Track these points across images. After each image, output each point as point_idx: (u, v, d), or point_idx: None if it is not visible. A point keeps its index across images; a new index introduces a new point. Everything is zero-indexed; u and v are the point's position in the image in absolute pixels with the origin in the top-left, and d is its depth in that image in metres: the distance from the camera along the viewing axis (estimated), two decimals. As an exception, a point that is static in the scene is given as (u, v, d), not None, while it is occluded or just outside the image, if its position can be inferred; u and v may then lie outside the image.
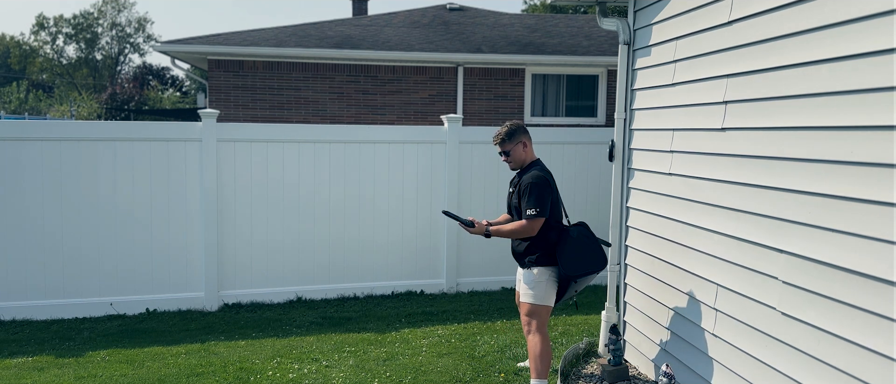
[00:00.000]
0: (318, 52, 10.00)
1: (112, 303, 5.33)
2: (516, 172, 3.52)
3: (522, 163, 3.44)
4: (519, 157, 3.43)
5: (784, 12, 2.64)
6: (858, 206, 2.27)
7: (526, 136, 3.44)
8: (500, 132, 3.43)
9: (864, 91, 2.25)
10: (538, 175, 3.32)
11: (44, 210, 5.15)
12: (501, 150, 3.44)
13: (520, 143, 3.42)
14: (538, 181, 3.29)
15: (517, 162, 3.44)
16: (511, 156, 3.43)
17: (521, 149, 3.42)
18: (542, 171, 3.36)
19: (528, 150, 3.45)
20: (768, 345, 2.71)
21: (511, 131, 3.42)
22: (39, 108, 34.19)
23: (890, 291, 2.14)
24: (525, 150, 3.43)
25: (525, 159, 3.44)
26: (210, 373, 3.99)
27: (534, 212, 3.24)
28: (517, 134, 3.42)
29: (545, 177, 3.33)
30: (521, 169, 3.46)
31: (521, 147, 3.42)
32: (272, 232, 5.63)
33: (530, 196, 3.26)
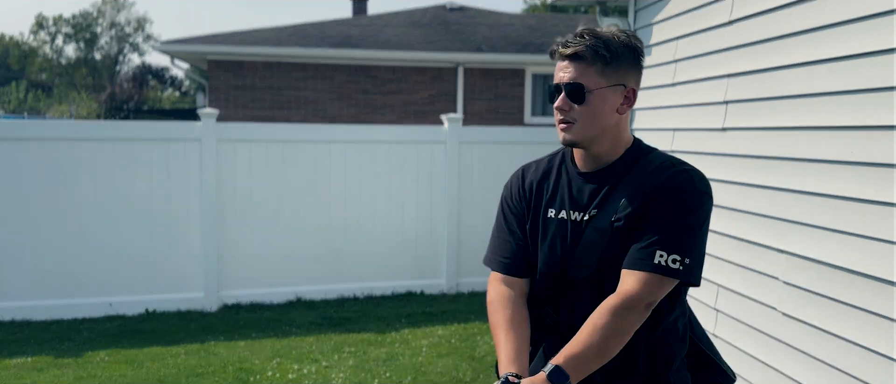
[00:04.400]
0: (317, 51, 10.00)
1: (111, 303, 5.32)
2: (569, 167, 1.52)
3: (599, 134, 1.43)
4: (604, 119, 1.42)
5: (784, 12, 2.64)
6: (859, 206, 2.26)
7: (636, 78, 1.46)
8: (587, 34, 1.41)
9: (865, 91, 2.25)
10: (701, 177, 1.44)
11: (42, 210, 5.15)
12: (572, 79, 1.40)
13: (618, 87, 1.42)
14: (705, 192, 1.43)
15: (595, 131, 1.43)
16: (589, 108, 1.41)
17: (616, 100, 1.43)
18: (699, 170, 1.46)
19: (625, 119, 1.47)
20: (769, 346, 2.70)
21: (621, 45, 1.42)
22: (39, 108, 34.17)
23: (890, 291, 2.14)
24: (621, 112, 1.45)
25: (617, 133, 1.46)
26: (210, 374, 3.98)
27: (679, 260, 1.36)
28: (626, 59, 1.42)
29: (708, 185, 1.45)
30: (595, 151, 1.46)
31: (618, 96, 1.43)
32: (272, 232, 5.62)
33: (683, 225, 1.38)
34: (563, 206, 1.50)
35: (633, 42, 1.44)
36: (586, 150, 1.47)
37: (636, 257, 1.37)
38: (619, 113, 1.45)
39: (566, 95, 1.42)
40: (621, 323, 1.34)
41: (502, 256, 1.56)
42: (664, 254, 1.36)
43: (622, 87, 1.44)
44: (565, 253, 1.47)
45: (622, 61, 1.42)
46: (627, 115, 1.48)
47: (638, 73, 1.47)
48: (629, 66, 1.43)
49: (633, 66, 1.45)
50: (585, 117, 1.42)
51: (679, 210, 1.39)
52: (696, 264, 1.38)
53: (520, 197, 1.57)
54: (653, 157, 1.48)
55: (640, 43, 1.47)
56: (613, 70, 1.41)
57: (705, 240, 1.43)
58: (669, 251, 1.36)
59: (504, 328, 1.46)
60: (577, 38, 1.42)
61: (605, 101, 1.42)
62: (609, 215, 1.43)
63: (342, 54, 10.01)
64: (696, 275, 1.39)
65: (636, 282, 1.35)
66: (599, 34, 1.40)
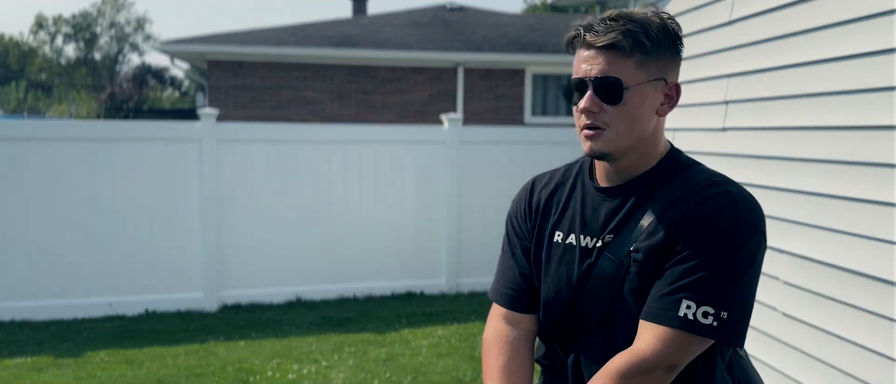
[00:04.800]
0: (317, 51, 9.99)
1: (111, 303, 5.31)
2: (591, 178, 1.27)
3: (635, 143, 1.17)
4: (643, 124, 1.17)
5: (784, 12, 2.63)
6: (859, 206, 2.26)
7: (677, 71, 1.21)
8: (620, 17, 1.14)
9: (865, 91, 2.25)
10: (750, 203, 1.15)
11: (42, 210, 5.14)
12: (604, 73, 1.13)
13: (659, 82, 1.17)
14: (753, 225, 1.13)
15: (631, 139, 1.16)
16: (626, 109, 1.14)
17: (656, 99, 1.18)
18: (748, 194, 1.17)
19: (663, 123, 1.24)
20: (770, 346, 2.70)
21: (661, 31, 1.15)
22: (38, 108, 34.17)
23: (890, 291, 2.14)
24: (661, 113, 1.20)
25: (653, 142, 1.21)
26: (209, 374, 3.98)
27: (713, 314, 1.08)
28: (667, 49, 1.17)
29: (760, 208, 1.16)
30: (624, 164, 1.19)
31: (658, 94, 1.18)
32: (271, 232, 5.62)
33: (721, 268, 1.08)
34: (573, 229, 1.22)
35: (673, 28, 1.17)
36: (614, 162, 1.17)
37: (656, 306, 1.07)
38: (658, 114, 1.18)
39: (595, 93, 1.13)
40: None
41: (505, 287, 1.32)
42: (693, 305, 1.04)
43: (664, 83, 1.17)
44: (572, 286, 1.20)
45: (664, 51, 1.15)
46: (664, 118, 1.22)
47: (678, 63, 1.20)
48: (670, 56, 1.18)
49: (674, 56, 1.18)
50: (621, 121, 1.13)
51: (716, 247, 1.07)
52: (738, 319, 1.07)
53: (525, 216, 1.31)
54: (693, 172, 1.18)
55: (680, 29, 1.20)
56: (654, 62, 1.14)
57: (753, 289, 1.10)
58: (701, 302, 1.04)
59: (496, 378, 1.22)
60: (608, 22, 1.12)
61: (646, 101, 1.15)
62: (627, 242, 1.14)
63: (342, 54, 10.01)
64: (738, 332, 1.07)
65: (653, 341, 1.06)
66: (636, 18, 1.14)
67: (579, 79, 1.16)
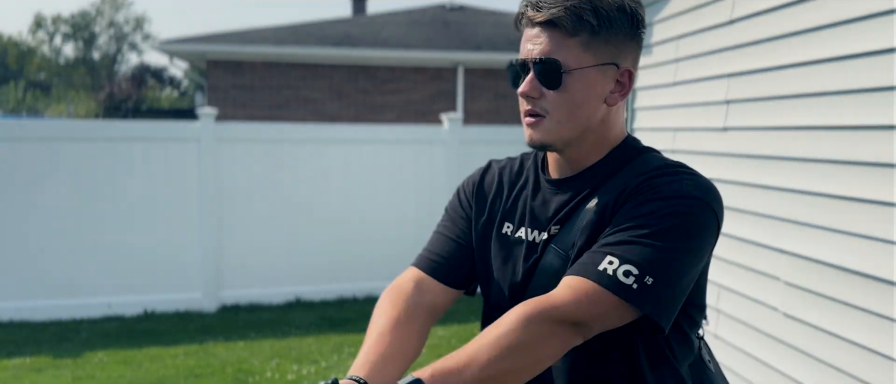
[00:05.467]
0: (317, 51, 9.99)
1: (110, 303, 5.31)
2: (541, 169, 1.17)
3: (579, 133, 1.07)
4: (587, 111, 1.06)
5: (785, 11, 2.63)
6: (859, 206, 2.26)
7: (634, 56, 1.09)
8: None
9: (865, 91, 2.25)
10: (701, 184, 1.02)
11: (40, 210, 5.14)
12: (544, 54, 1.03)
13: (609, 66, 1.05)
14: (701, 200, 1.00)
15: (574, 128, 1.06)
16: (567, 94, 1.04)
17: (605, 85, 1.06)
18: (700, 176, 1.05)
19: (616, 112, 1.10)
20: (770, 346, 2.70)
21: (615, 9, 1.03)
22: (37, 108, 34.15)
23: (890, 291, 2.13)
24: (611, 102, 1.07)
25: (603, 132, 1.09)
26: (209, 375, 3.97)
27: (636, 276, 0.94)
28: (620, 29, 1.04)
29: (713, 187, 1.04)
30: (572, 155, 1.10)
31: (608, 80, 1.06)
32: (271, 232, 5.61)
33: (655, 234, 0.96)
34: (523, 222, 1.12)
35: (631, 6, 1.04)
36: (560, 152, 1.09)
37: (579, 263, 0.98)
38: (608, 103, 1.06)
39: (535, 76, 1.03)
40: (526, 336, 0.90)
41: (432, 253, 1.20)
42: (615, 261, 0.94)
43: (614, 67, 1.05)
44: (517, 284, 1.11)
45: (616, 31, 1.03)
46: (620, 107, 1.09)
47: (636, 48, 1.07)
48: (625, 38, 1.05)
49: (630, 38, 1.05)
50: (562, 108, 1.03)
51: (654, 213, 0.96)
52: (665, 293, 0.93)
53: (474, 194, 1.21)
54: (647, 158, 1.08)
55: (641, 7, 1.07)
56: (603, 43, 1.03)
57: (690, 266, 0.97)
58: (624, 260, 0.94)
59: (380, 330, 1.09)
60: (560, 7, 1.00)
61: (590, 86, 1.03)
62: (573, 234, 1.04)
63: (342, 54, 10.00)
64: (660, 306, 0.93)
65: (566, 290, 0.95)
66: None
67: (522, 60, 1.06)
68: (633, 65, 1.08)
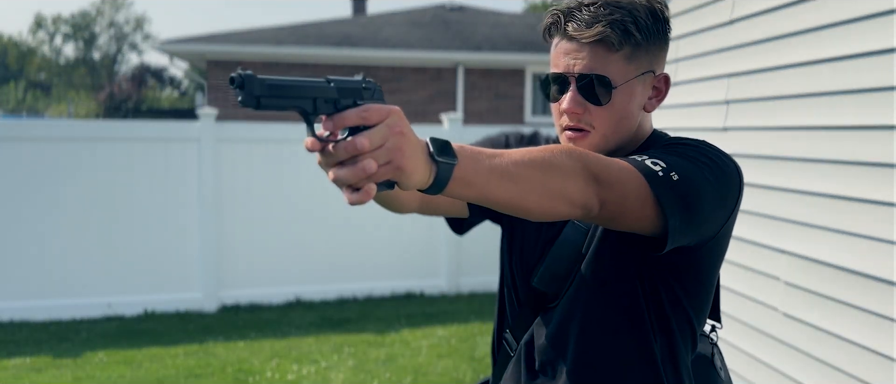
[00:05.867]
0: (317, 51, 9.99)
1: (110, 303, 5.31)
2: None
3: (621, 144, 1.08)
4: (631, 122, 1.07)
5: (785, 11, 2.63)
6: (859, 206, 2.26)
7: (664, 59, 1.09)
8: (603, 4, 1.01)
9: (865, 91, 2.24)
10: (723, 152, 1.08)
11: (40, 210, 5.13)
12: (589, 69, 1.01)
13: (647, 75, 1.05)
14: (724, 158, 1.06)
15: (618, 139, 1.07)
16: (613, 109, 1.03)
17: (644, 93, 1.07)
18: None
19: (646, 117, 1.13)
20: (770, 346, 2.70)
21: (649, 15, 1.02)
22: (37, 108, 34.14)
23: (890, 291, 2.13)
24: (650, 108, 1.10)
25: (637, 133, 1.10)
26: (209, 375, 3.97)
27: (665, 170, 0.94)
28: (656, 36, 1.04)
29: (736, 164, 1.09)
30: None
31: (647, 87, 1.07)
32: (271, 232, 5.61)
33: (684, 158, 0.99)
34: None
35: (662, 11, 1.03)
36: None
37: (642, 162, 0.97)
38: (646, 110, 1.07)
39: (578, 92, 1.01)
40: (557, 159, 0.87)
41: None
42: (645, 157, 0.95)
43: (652, 74, 1.04)
44: (531, 255, 1.11)
45: (653, 41, 1.02)
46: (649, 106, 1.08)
47: (666, 52, 1.07)
48: (660, 44, 1.04)
49: (663, 44, 1.05)
50: (608, 123, 1.02)
51: (682, 145, 1.01)
52: (683, 191, 0.92)
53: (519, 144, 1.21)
54: (671, 138, 1.09)
55: (667, 8, 1.06)
56: (644, 53, 1.01)
57: (711, 201, 0.97)
58: (652, 157, 0.95)
59: None
60: (592, 8, 0.98)
61: (633, 97, 1.03)
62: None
63: (341, 53, 10.00)
64: (677, 209, 0.92)
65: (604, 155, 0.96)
66: (620, 3, 0.99)
67: (560, 73, 1.03)
68: (664, 67, 1.09)
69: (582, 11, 1.00)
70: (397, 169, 0.73)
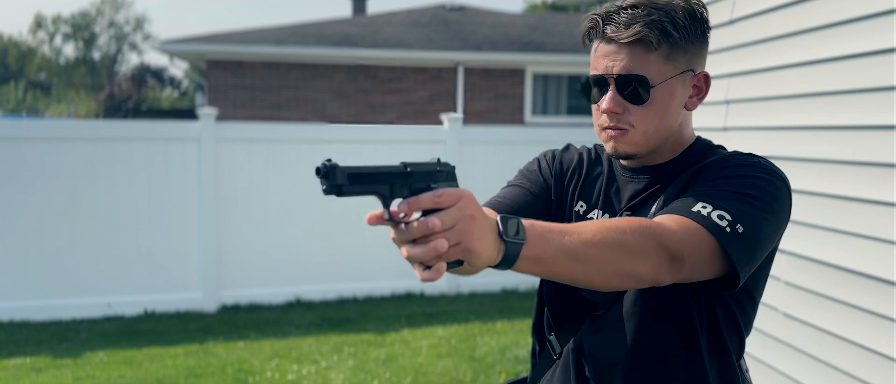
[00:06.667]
0: (317, 51, 9.99)
1: (110, 303, 5.31)
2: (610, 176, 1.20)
3: (662, 142, 1.09)
4: (671, 121, 1.08)
5: (785, 11, 2.63)
6: (859, 206, 2.26)
7: (704, 58, 1.10)
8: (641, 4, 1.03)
9: (865, 91, 2.24)
10: (771, 164, 1.08)
11: (40, 210, 5.14)
12: (628, 70, 1.03)
13: (687, 74, 1.07)
14: (775, 172, 1.05)
15: (659, 138, 1.08)
16: (653, 108, 1.05)
17: (685, 93, 1.08)
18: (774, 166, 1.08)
19: (690, 115, 1.13)
20: (770, 346, 2.70)
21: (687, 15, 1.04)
22: (37, 108, 34.14)
23: (890, 291, 2.13)
24: (690, 107, 1.11)
25: (679, 135, 1.12)
26: (209, 375, 3.97)
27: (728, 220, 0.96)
28: (695, 35, 1.05)
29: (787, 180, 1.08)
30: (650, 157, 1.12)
31: (687, 87, 1.08)
32: (271, 232, 5.61)
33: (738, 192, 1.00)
34: (596, 204, 1.15)
35: (701, 11, 1.05)
36: (646, 158, 1.10)
37: (669, 207, 0.99)
38: (687, 108, 1.09)
39: (618, 92, 1.04)
40: (632, 239, 0.88)
41: (508, 198, 1.18)
42: (708, 206, 0.95)
43: (692, 73, 1.06)
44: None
45: (692, 40, 1.04)
46: (689, 117, 1.11)
47: (706, 51, 1.08)
48: (699, 44, 1.06)
49: (702, 43, 1.07)
50: (648, 121, 1.04)
51: (737, 176, 1.00)
52: (751, 244, 0.94)
53: (555, 164, 1.23)
54: (720, 151, 1.12)
55: (706, 9, 1.07)
56: (683, 53, 1.04)
57: (771, 234, 0.99)
58: (716, 206, 0.95)
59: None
60: (630, 11, 1.01)
61: (673, 96, 1.05)
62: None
63: (342, 54, 10.00)
64: (745, 261, 0.94)
65: (670, 221, 0.95)
66: (659, 4, 1.02)
67: (599, 75, 1.06)
68: (705, 66, 1.10)
69: (620, 14, 1.02)
70: (466, 250, 0.77)
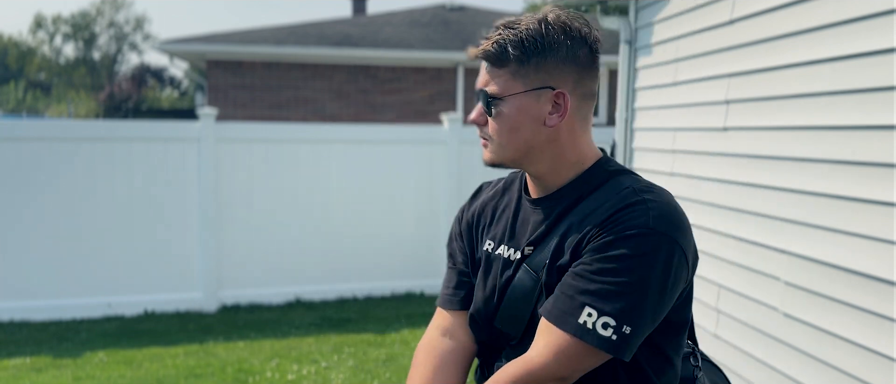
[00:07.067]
0: (317, 51, 9.98)
1: (110, 303, 5.31)
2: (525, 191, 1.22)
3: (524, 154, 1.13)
4: (526, 135, 1.11)
5: (785, 11, 2.63)
6: (859, 206, 2.26)
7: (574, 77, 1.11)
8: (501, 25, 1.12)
9: (865, 91, 2.24)
10: (665, 212, 1.05)
11: (40, 210, 5.13)
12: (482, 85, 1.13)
13: (543, 91, 1.09)
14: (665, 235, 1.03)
15: (517, 150, 1.13)
16: (502, 121, 1.11)
17: (540, 109, 1.10)
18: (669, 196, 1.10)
19: (567, 131, 1.12)
20: (770, 346, 2.70)
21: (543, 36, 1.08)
22: (37, 108, 34.15)
23: (890, 291, 2.13)
24: (551, 123, 1.11)
25: (558, 151, 1.13)
26: (209, 375, 3.97)
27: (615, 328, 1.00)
28: (553, 54, 1.09)
29: (681, 209, 1.10)
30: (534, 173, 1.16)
31: (543, 103, 1.10)
32: (271, 232, 5.61)
33: (627, 280, 1.01)
34: (503, 239, 1.19)
35: (572, 30, 1.09)
36: (525, 169, 1.17)
37: (558, 307, 1.03)
38: (547, 125, 1.10)
39: (481, 104, 1.14)
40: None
41: (448, 288, 1.27)
42: (595, 314, 0.99)
43: (549, 91, 1.09)
44: (492, 300, 1.16)
45: (547, 57, 1.08)
46: (574, 125, 1.12)
47: (576, 70, 1.10)
48: (559, 62, 1.09)
49: (565, 61, 1.09)
50: (500, 134, 1.11)
51: (623, 256, 1.00)
52: (640, 334, 1.00)
53: (467, 222, 1.29)
54: (619, 180, 1.11)
55: (589, 29, 1.11)
56: (534, 70, 1.08)
57: (661, 303, 1.02)
58: (603, 312, 0.99)
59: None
60: (493, 30, 1.11)
61: (523, 112, 1.10)
62: (545, 256, 1.09)
63: (342, 54, 10.00)
64: (634, 347, 1.00)
65: (546, 350, 1.01)
66: (516, 24, 1.09)
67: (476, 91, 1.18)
68: (573, 85, 1.11)
69: (490, 32, 1.11)
70: None
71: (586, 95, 1.13)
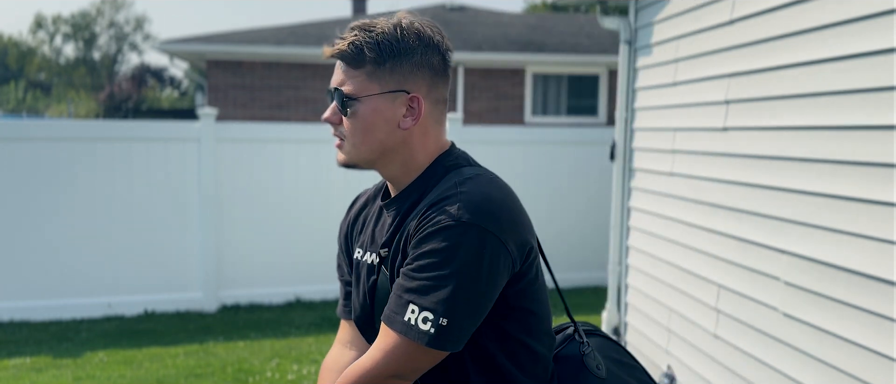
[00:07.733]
0: (317, 51, 9.98)
1: (110, 303, 5.31)
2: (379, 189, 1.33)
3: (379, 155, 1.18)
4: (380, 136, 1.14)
5: (785, 11, 2.63)
6: (859, 206, 2.26)
7: (428, 81, 1.15)
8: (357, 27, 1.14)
9: (865, 91, 2.24)
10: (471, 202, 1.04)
11: (40, 210, 5.14)
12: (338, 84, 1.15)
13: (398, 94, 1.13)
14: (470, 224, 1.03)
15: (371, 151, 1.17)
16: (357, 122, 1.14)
17: (395, 111, 1.14)
18: (490, 186, 1.10)
19: (420, 134, 1.17)
20: (770, 346, 2.70)
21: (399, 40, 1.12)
22: (37, 108, 34.15)
23: (890, 291, 2.13)
24: (405, 126, 1.14)
25: (409, 154, 1.17)
26: (209, 375, 3.97)
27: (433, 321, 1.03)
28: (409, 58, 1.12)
29: (502, 198, 1.09)
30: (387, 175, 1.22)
31: (398, 106, 1.14)
32: (271, 232, 5.61)
33: (439, 274, 1.03)
34: (366, 244, 1.23)
35: (425, 37, 1.12)
36: (379, 171, 1.20)
37: (390, 307, 1.07)
38: (401, 127, 1.13)
39: (336, 103, 1.15)
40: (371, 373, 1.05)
41: (341, 300, 1.33)
42: (417, 309, 1.02)
43: (404, 94, 1.12)
44: (366, 304, 1.20)
45: (402, 61, 1.11)
46: (427, 128, 1.16)
47: (429, 76, 1.13)
48: (414, 67, 1.12)
49: (420, 66, 1.12)
50: (355, 133, 1.13)
51: (435, 250, 1.02)
52: (459, 329, 1.02)
53: (344, 233, 1.34)
54: (450, 176, 1.13)
55: (441, 37, 1.15)
56: (389, 72, 1.11)
57: (479, 289, 1.03)
58: (422, 306, 1.02)
59: None
60: (347, 31, 1.13)
61: (379, 113, 1.12)
62: (397, 256, 1.12)
63: (341, 54, 10.00)
64: (455, 339, 1.03)
65: (376, 351, 1.06)
66: (371, 27, 1.12)
67: (328, 89, 1.18)
68: (428, 90, 1.14)
69: (344, 33, 1.13)
70: None
71: (439, 100, 1.17)
